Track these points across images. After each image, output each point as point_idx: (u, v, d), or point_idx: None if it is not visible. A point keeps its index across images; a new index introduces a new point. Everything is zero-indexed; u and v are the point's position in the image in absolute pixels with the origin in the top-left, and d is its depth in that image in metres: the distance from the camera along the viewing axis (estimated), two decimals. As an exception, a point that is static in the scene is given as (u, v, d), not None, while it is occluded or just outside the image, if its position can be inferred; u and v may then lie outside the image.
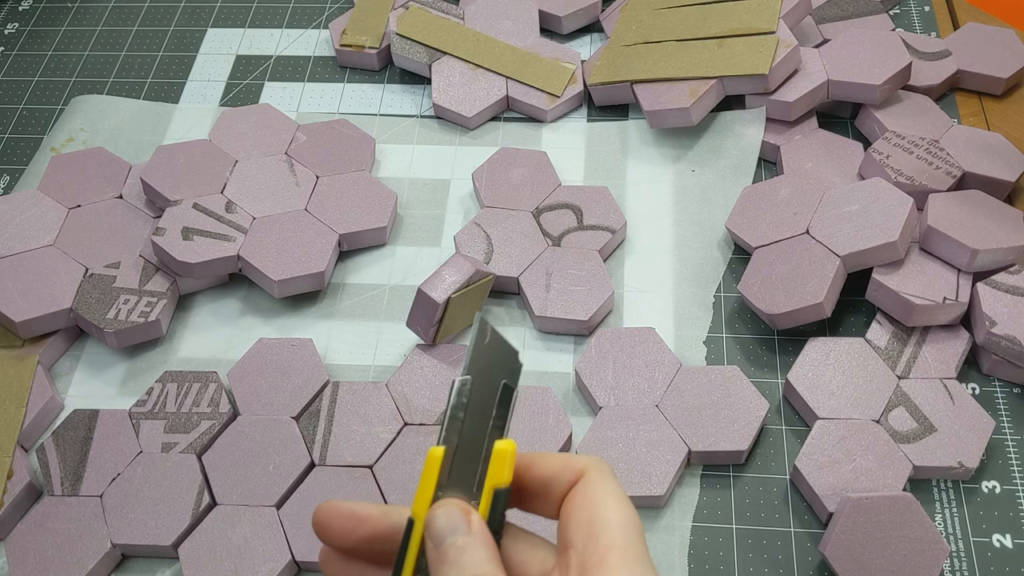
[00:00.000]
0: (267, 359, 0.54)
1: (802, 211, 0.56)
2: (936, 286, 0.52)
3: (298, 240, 0.57)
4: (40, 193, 0.60)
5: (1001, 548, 0.47)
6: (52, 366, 0.56)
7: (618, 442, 0.49)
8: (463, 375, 0.32)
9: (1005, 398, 0.52)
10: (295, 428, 0.51)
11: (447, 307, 0.51)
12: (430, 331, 0.52)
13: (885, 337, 0.53)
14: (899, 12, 0.72)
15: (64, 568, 0.47)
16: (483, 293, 0.54)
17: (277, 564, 0.46)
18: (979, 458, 0.48)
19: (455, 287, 0.51)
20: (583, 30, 0.73)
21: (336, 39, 0.71)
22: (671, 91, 0.62)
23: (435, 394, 0.52)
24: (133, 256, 0.58)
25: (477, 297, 0.54)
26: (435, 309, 0.51)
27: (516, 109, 0.67)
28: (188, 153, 0.61)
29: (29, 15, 0.79)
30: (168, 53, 0.74)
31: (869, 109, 0.62)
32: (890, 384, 0.51)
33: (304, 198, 0.59)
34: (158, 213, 0.60)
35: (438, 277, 0.51)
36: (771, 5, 0.63)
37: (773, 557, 0.47)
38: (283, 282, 0.56)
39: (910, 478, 0.48)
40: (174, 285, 0.57)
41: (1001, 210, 0.54)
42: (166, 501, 0.48)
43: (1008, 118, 0.64)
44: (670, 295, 0.57)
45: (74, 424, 0.52)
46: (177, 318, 0.58)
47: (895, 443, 0.48)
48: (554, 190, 0.60)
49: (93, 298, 0.55)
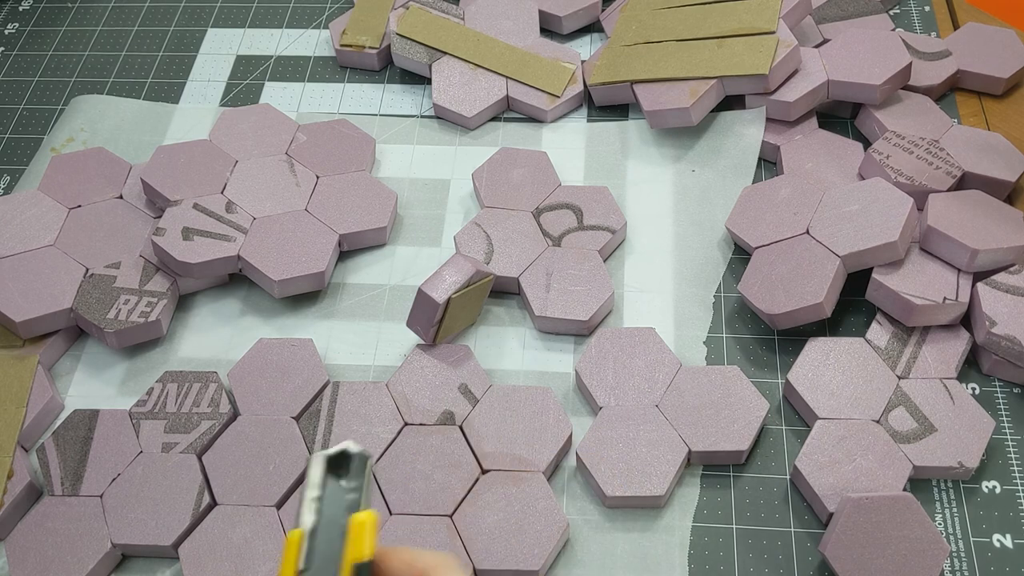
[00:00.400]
0: (267, 359, 0.54)
1: (802, 211, 0.56)
2: (936, 286, 0.52)
3: (298, 240, 0.57)
4: (40, 193, 0.60)
5: (1001, 548, 0.47)
6: (52, 366, 0.56)
7: (618, 442, 0.49)
8: (318, 450, 0.32)
9: (1005, 398, 0.52)
10: (295, 428, 0.51)
11: (447, 307, 0.51)
12: (430, 331, 0.52)
13: (885, 337, 0.53)
14: (899, 12, 0.72)
15: (64, 568, 0.47)
16: (483, 293, 0.54)
17: (277, 564, 0.46)
18: (979, 458, 0.48)
19: (455, 287, 0.51)
20: (583, 30, 0.73)
21: (336, 39, 0.71)
22: (671, 91, 0.62)
23: (435, 394, 0.52)
24: (133, 256, 0.58)
25: (477, 297, 0.54)
26: (435, 309, 0.51)
27: (516, 109, 0.67)
28: (188, 153, 0.61)
29: (29, 15, 0.79)
30: (168, 53, 0.74)
31: (869, 109, 0.62)
32: (890, 384, 0.51)
33: (304, 198, 0.59)
34: (158, 213, 0.60)
35: (439, 277, 0.51)
36: (771, 5, 0.63)
37: (773, 557, 0.47)
38: (283, 282, 0.56)
39: (910, 478, 0.48)
40: (174, 285, 0.57)
41: (1001, 210, 0.54)
42: (166, 501, 0.48)
43: (1008, 118, 0.65)
44: (670, 295, 0.57)
45: (74, 424, 0.52)
46: (177, 318, 0.58)
47: (895, 443, 0.48)
48: (554, 190, 0.60)
49: (93, 298, 0.55)
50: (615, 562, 0.47)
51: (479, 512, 0.47)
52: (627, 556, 0.47)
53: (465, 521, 0.47)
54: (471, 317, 0.55)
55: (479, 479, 0.48)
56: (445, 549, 0.46)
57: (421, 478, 0.48)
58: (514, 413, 0.51)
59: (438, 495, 0.48)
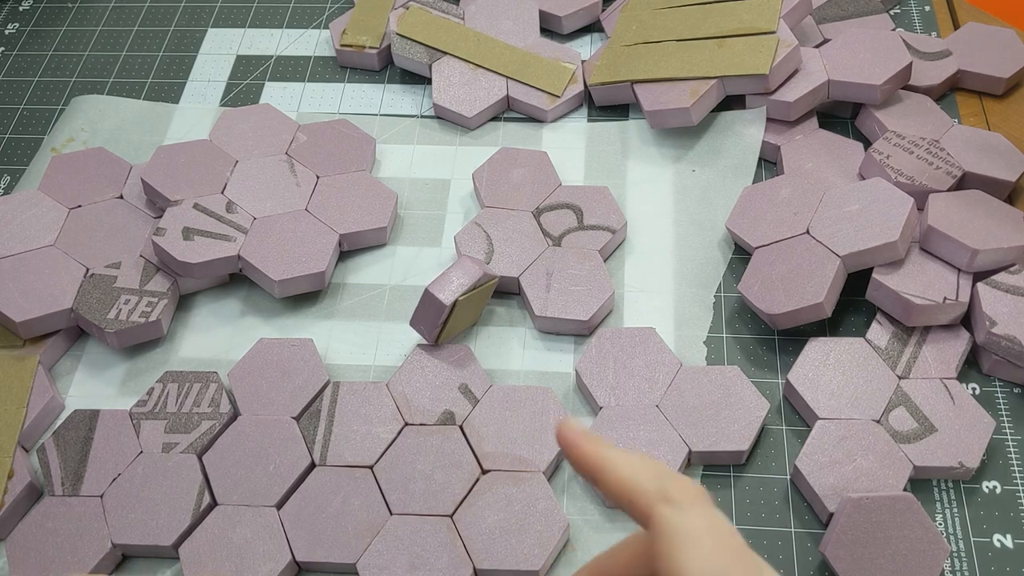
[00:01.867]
0: (267, 359, 0.54)
1: (802, 211, 0.56)
2: (936, 286, 0.52)
3: (298, 240, 0.57)
4: (40, 193, 0.60)
5: (1002, 548, 0.47)
6: (53, 366, 0.56)
7: (618, 442, 0.49)
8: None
9: (1005, 398, 0.52)
10: (295, 428, 0.51)
11: (453, 309, 0.51)
12: (434, 332, 0.52)
13: (885, 337, 0.53)
14: (899, 12, 0.72)
15: (65, 568, 0.47)
16: (487, 295, 0.54)
17: (277, 564, 0.46)
18: (980, 458, 0.48)
19: (462, 289, 0.51)
20: (583, 30, 0.73)
21: (336, 39, 0.71)
22: (671, 91, 0.62)
23: (436, 394, 0.52)
24: (134, 256, 0.58)
25: (481, 299, 0.54)
26: (442, 311, 0.51)
27: (516, 109, 0.67)
28: (189, 153, 0.61)
29: (29, 15, 0.79)
30: (168, 53, 0.74)
31: (870, 109, 0.62)
32: (890, 384, 0.51)
33: (304, 198, 0.59)
34: (159, 213, 0.60)
35: (446, 279, 0.51)
36: (771, 5, 0.63)
37: (773, 557, 0.47)
38: (284, 282, 0.56)
39: (910, 478, 0.48)
40: (175, 285, 0.57)
41: (1001, 210, 0.54)
42: (167, 501, 0.48)
43: (1008, 118, 0.64)
44: (670, 295, 0.57)
45: (75, 424, 0.52)
46: (177, 318, 0.58)
47: (895, 443, 0.48)
48: (554, 190, 0.60)
49: (94, 298, 0.55)
50: (615, 562, 0.47)
51: (479, 512, 0.47)
52: (627, 556, 0.47)
53: (465, 521, 0.47)
54: (473, 318, 0.55)
55: (479, 479, 0.48)
56: (445, 549, 0.46)
57: (421, 478, 0.48)
58: (514, 413, 0.51)
59: (438, 495, 0.48)
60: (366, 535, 0.47)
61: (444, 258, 0.60)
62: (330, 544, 0.47)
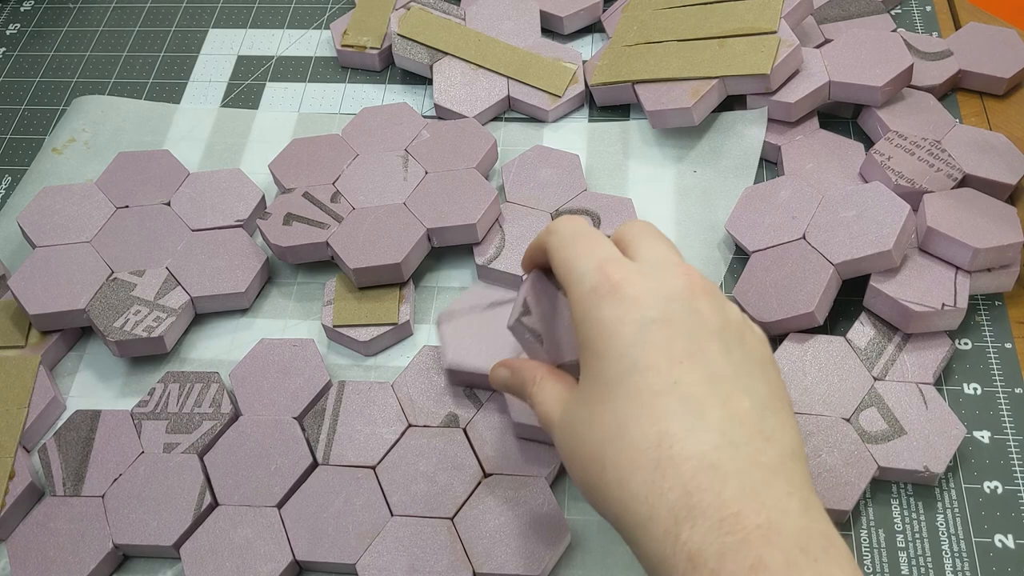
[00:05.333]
0: (269, 359, 0.54)
1: (800, 215, 0.56)
2: (934, 292, 0.51)
3: (386, 231, 0.56)
4: (96, 187, 0.60)
5: (1003, 548, 0.47)
6: (54, 366, 0.56)
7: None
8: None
9: (1007, 398, 0.52)
10: (297, 428, 0.51)
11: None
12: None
13: (866, 338, 0.52)
14: (900, 12, 0.72)
15: (66, 568, 0.47)
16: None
17: (279, 564, 0.46)
18: (946, 464, 0.47)
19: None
20: (584, 30, 0.73)
21: (337, 39, 0.71)
22: (673, 91, 0.62)
23: (440, 396, 0.52)
24: (160, 267, 0.57)
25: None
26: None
27: (517, 109, 0.67)
28: (317, 147, 0.62)
29: (30, 16, 0.79)
30: (169, 54, 0.74)
31: (872, 108, 0.62)
32: (865, 384, 0.50)
33: (407, 192, 0.59)
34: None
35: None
36: (773, 5, 0.63)
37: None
38: (359, 271, 0.55)
39: (875, 479, 0.48)
40: (189, 304, 0.56)
41: (996, 207, 0.54)
42: (168, 501, 0.48)
43: (1010, 118, 0.64)
44: (671, 296, 0.57)
45: (76, 425, 0.52)
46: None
47: (863, 443, 0.48)
48: (578, 194, 0.60)
49: (107, 303, 0.55)
50: (616, 565, 0.47)
51: (481, 515, 0.47)
52: (628, 559, 0.47)
53: (466, 524, 0.47)
54: None
55: (481, 482, 0.48)
56: (445, 552, 0.46)
57: (423, 480, 0.48)
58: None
59: (440, 497, 0.48)
60: (367, 536, 0.47)
61: (458, 256, 0.60)
62: (331, 544, 0.47)
